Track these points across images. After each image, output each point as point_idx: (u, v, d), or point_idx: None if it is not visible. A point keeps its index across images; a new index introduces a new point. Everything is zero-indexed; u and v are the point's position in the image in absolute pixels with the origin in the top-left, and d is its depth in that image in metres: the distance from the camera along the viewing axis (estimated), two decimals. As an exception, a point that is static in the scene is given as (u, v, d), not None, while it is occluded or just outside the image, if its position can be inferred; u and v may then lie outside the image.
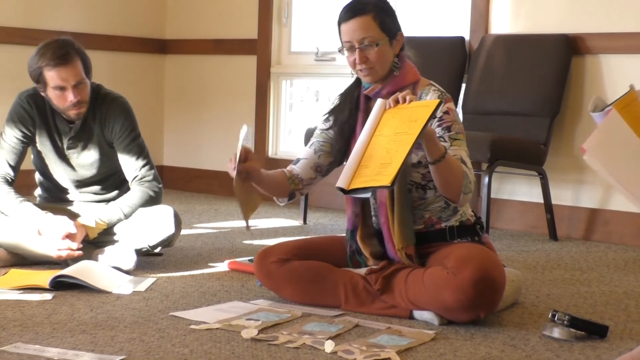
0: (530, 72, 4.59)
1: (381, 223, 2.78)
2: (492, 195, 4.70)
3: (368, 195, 2.65)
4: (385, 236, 2.78)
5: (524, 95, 4.58)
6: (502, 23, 4.86)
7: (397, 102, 2.59)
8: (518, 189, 4.82)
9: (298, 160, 2.92)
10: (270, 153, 5.87)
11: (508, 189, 4.85)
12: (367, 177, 2.51)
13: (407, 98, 2.57)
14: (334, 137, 2.90)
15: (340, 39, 2.81)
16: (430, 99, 2.72)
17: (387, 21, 2.77)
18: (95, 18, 5.92)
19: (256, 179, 2.76)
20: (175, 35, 6.32)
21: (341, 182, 2.56)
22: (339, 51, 2.82)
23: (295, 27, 5.79)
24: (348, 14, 2.77)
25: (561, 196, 4.64)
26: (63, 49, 3.28)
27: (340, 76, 5.62)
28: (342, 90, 2.95)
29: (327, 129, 2.92)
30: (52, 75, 3.28)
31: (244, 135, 2.70)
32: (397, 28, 2.81)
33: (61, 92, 3.30)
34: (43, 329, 2.49)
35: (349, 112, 2.87)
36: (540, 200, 4.55)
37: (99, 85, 3.51)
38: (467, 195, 2.66)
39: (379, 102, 2.65)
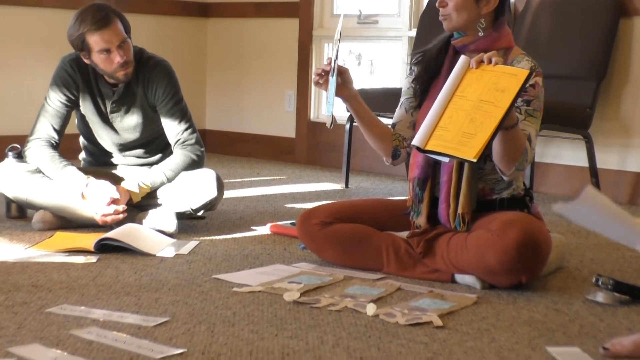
0: (577, 34, 4.52)
1: (442, 182, 2.73)
2: (537, 159, 4.66)
3: (446, 160, 2.58)
4: (442, 196, 2.73)
5: (570, 58, 4.51)
6: (548, -16, 4.78)
7: (481, 62, 2.52)
8: (563, 152, 4.77)
9: (394, 125, 2.89)
10: (312, 117, 5.86)
11: (553, 152, 4.81)
12: (447, 142, 2.45)
13: (493, 60, 2.49)
14: (417, 76, 2.85)
15: None
16: (521, 67, 2.60)
17: None
18: (137, -18, 5.93)
19: (350, 86, 2.79)
20: (217, -1, 6.32)
21: (417, 140, 2.50)
22: None
23: (337, -11, 5.76)
24: None
25: (607, 160, 4.58)
26: (102, 12, 3.30)
27: (383, 39, 5.58)
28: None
29: (412, 81, 2.87)
30: (95, 40, 3.29)
31: (338, 34, 2.68)
32: None
33: (107, 54, 3.32)
34: (88, 291, 2.52)
35: (438, 51, 2.82)
36: (586, 164, 4.50)
37: (142, 49, 3.52)
38: (519, 171, 2.63)
39: (462, 59, 2.56)
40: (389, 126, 2.91)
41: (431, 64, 2.82)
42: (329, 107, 2.72)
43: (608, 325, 2.33)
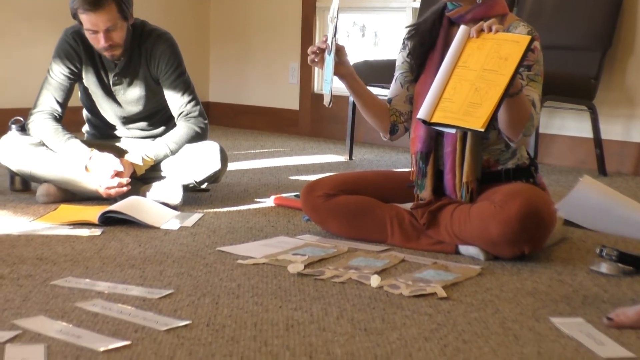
0: (582, 4, 4.49)
1: (446, 153, 2.73)
2: (541, 130, 4.65)
3: (452, 131, 2.57)
4: (447, 167, 2.74)
5: (575, 29, 4.49)
6: (553, -46, 4.75)
7: (481, 31, 2.50)
8: (567, 123, 4.76)
9: (390, 100, 2.88)
10: (316, 89, 5.84)
11: (557, 123, 4.79)
12: (453, 113, 2.43)
13: (494, 28, 2.47)
14: (412, 50, 2.84)
15: None
16: (518, 33, 2.61)
17: None
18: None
19: (346, 64, 2.78)
20: (220, -30, 6.28)
21: (423, 113, 2.48)
22: None
23: (340, -39, 5.72)
24: None
25: (611, 131, 4.57)
26: None
27: (387, 10, 5.55)
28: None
29: (407, 55, 2.86)
30: (84, 19, 3.29)
31: (334, 12, 2.65)
32: None
33: (94, 34, 3.31)
34: (93, 264, 2.52)
35: (432, 23, 2.81)
36: (590, 135, 4.49)
37: (144, 21, 3.50)
38: (526, 137, 2.62)
39: (462, 29, 2.54)
40: (385, 102, 2.90)
41: (426, 37, 2.81)
42: (327, 86, 2.70)
43: (612, 295, 2.33)
